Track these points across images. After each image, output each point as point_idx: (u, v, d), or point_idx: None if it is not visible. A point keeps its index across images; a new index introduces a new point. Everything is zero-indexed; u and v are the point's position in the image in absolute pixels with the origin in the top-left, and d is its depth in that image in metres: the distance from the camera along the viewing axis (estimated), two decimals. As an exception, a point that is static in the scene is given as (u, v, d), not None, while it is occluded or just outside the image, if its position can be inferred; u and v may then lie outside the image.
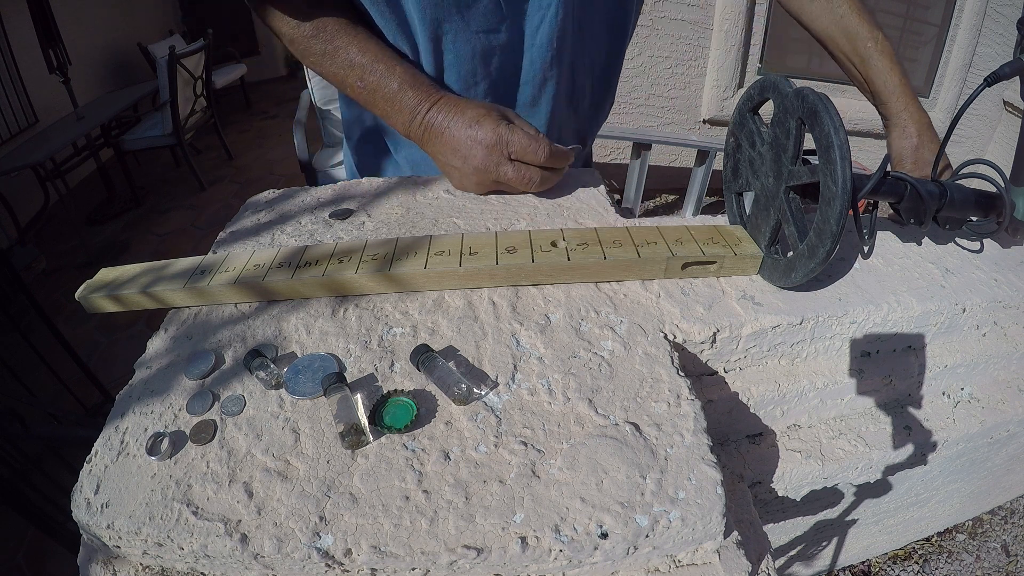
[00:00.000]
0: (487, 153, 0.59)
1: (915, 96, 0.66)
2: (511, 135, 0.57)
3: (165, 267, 0.52)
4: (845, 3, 0.69)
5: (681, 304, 0.49)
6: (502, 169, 0.60)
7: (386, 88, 0.61)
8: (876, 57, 0.67)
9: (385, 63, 0.61)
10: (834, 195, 0.40)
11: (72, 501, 0.36)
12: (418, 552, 0.32)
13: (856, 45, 0.68)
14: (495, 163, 0.59)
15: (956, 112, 0.55)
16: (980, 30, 2.26)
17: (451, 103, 0.61)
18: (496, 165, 0.59)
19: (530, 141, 0.57)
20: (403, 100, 0.61)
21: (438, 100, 0.61)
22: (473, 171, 0.60)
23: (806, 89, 0.43)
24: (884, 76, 0.67)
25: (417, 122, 0.61)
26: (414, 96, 0.61)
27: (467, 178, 0.62)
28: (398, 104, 0.61)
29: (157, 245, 3.05)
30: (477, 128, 0.58)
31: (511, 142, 0.58)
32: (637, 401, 0.40)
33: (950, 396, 0.60)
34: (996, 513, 1.30)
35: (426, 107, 0.61)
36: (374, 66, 0.61)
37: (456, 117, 0.60)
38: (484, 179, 0.61)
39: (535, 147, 0.57)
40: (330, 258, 0.50)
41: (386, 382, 0.42)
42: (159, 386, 0.43)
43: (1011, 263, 0.57)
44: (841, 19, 0.69)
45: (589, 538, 0.33)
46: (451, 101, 0.61)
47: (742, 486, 0.51)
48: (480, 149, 0.59)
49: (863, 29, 0.67)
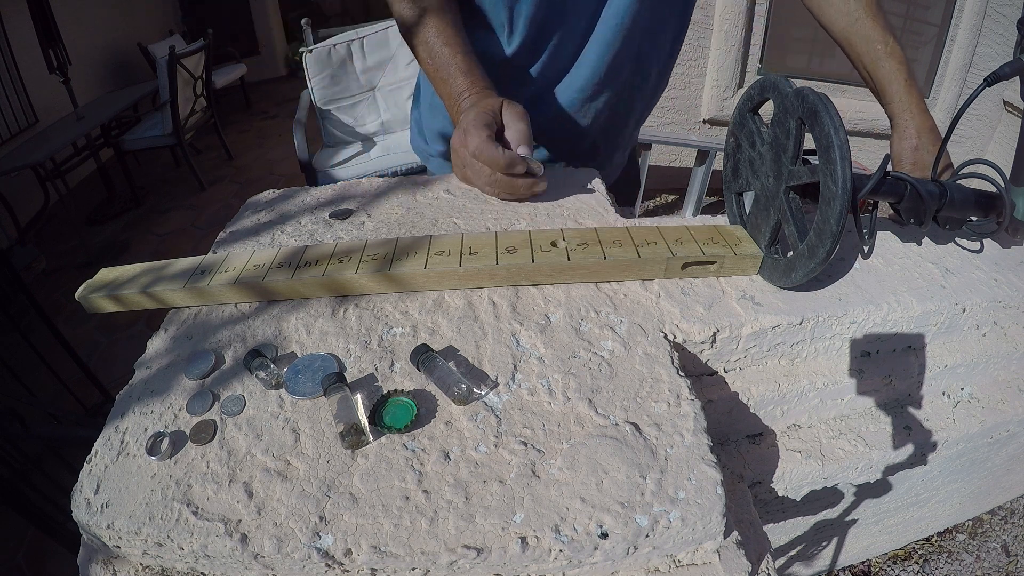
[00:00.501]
0: (454, 148, 0.63)
1: (920, 99, 0.67)
2: (469, 137, 0.60)
3: (165, 267, 0.52)
4: (860, 8, 0.70)
5: (681, 304, 0.49)
6: (465, 169, 0.64)
7: (444, 71, 0.68)
8: (884, 60, 0.68)
9: (451, 48, 0.67)
10: (834, 195, 0.40)
11: (72, 501, 0.36)
12: (418, 552, 0.32)
13: (867, 48, 0.70)
14: (459, 161, 0.63)
15: (956, 112, 0.55)
16: (980, 30, 2.26)
17: (479, 96, 0.64)
18: (460, 163, 0.64)
19: (486, 146, 0.59)
20: (453, 84, 0.67)
21: (476, 91, 0.65)
22: (455, 160, 0.65)
23: (806, 89, 0.43)
24: (890, 78, 0.68)
25: (456, 106, 0.67)
26: (463, 82, 0.66)
27: (457, 170, 0.67)
28: (449, 87, 0.67)
29: (157, 245, 3.05)
30: (463, 123, 0.62)
31: (469, 144, 0.60)
32: (637, 401, 0.40)
33: (950, 396, 0.60)
34: (996, 513, 1.30)
35: (466, 95, 0.66)
36: (441, 49, 0.67)
37: (470, 109, 0.63)
38: (457, 172, 0.67)
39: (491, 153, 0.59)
40: (330, 258, 0.50)
41: (386, 382, 0.42)
42: (159, 386, 0.43)
43: (1011, 263, 0.57)
44: (855, 23, 0.71)
45: (589, 538, 0.33)
46: (481, 94, 0.65)
47: (742, 486, 0.51)
48: (458, 146, 0.63)
49: (875, 33, 0.69)
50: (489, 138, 0.59)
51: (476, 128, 0.59)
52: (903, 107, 0.67)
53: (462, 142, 0.61)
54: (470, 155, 0.60)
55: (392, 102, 2.64)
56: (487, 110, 0.61)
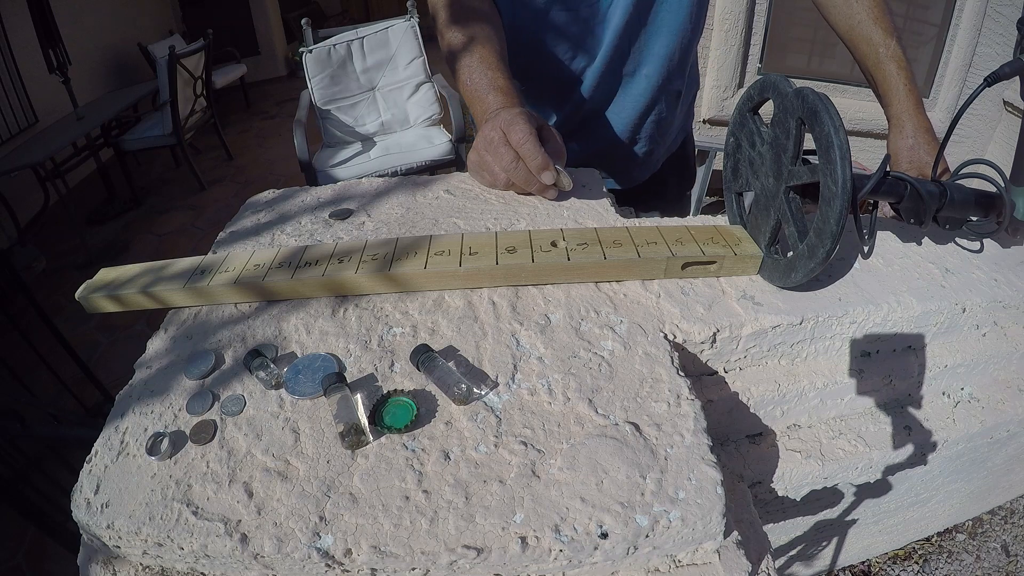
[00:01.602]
0: (486, 134, 0.63)
1: (919, 101, 0.68)
2: (515, 127, 0.59)
3: (165, 267, 0.52)
4: (864, 10, 0.71)
5: (681, 304, 0.49)
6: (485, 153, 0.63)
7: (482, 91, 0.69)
8: (885, 62, 0.69)
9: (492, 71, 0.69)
10: (834, 195, 0.40)
11: (72, 501, 0.36)
12: (418, 552, 0.32)
13: (869, 50, 0.71)
14: (483, 143, 0.63)
15: (956, 112, 0.55)
16: (980, 30, 2.25)
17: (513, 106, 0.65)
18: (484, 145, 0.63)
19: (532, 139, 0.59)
20: (489, 100, 0.68)
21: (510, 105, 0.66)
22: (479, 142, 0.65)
23: (806, 89, 0.43)
24: (889, 80, 0.68)
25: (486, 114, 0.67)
26: (499, 99, 0.67)
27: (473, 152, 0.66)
28: (484, 104, 0.68)
29: (157, 245, 3.05)
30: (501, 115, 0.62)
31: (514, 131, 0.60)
32: (637, 401, 0.40)
33: (950, 396, 0.60)
34: (996, 513, 1.30)
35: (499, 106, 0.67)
36: (484, 72, 0.69)
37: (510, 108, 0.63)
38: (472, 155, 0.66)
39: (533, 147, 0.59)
40: (330, 258, 0.50)
41: (386, 382, 0.42)
42: (159, 386, 0.43)
43: (1011, 263, 0.57)
44: (858, 25, 0.71)
45: (589, 538, 0.33)
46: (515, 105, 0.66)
47: (742, 486, 0.51)
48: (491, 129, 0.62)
49: (876, 35, 0.70)
50: (536, 134, 0.59)
51: (525, 121, 0.59)
52: (901, 108, 0.67)
53: (504, 127, 0.60)
54: (511, 141, 0.59)
55: (392, 102, 2.64)
56: (533, 114, 0.61)
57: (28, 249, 2.79)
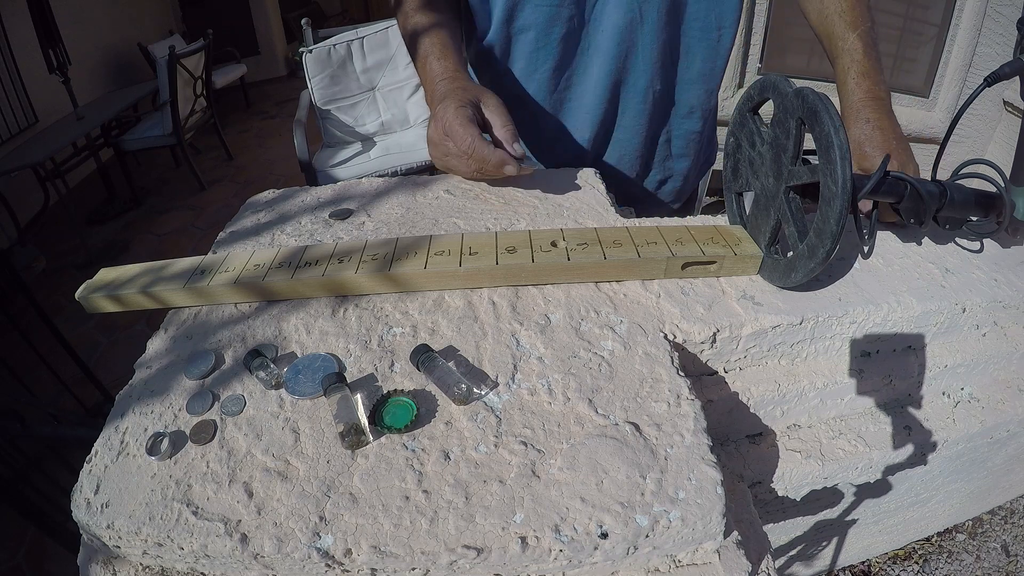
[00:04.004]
0: (435, 140, 0.63)
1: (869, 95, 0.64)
2: (457, 135, 0.59)
3: (165, 267, 0.52)
4: (833, 3, 0.69)
5: (681, 304, 0.49)
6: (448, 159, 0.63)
7: (423, 58, 0.69)
8: (841, 55, 0.67)
9: (432, 38, 0.69)
10: (834, 195, 0.40)
11: (72, 501, 0.36)
12: (418, 552, 0.32)
13: (830, 45, 0.70)
14: (440, 152, 0.63)
15: (956, 112, 0.55)
16: (980, 30, 2.25)
17: (451, 81, 0.65)
18: (442, 154, 0.63)
19: (479, 145, 0.59)
20: (430, 70, 0.67)
21: (448, 76, 0.65)
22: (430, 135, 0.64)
23: (806, 89, 0.43)
24: (839, 74, 0.67)
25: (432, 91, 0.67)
26: (437, 67, 0.67)
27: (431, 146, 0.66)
28: (426, 72, 0.68)
29: (157, 245, 3.05)
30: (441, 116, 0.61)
31: (460, 142, 0.59)
32: (637, 401, 0.40)
33: (950, 396, 0.60)
34: (996, 513, 1.30)
35: (440, 78, 0.66)
36: (425, 38, 0.69)
37: (446, 98, 0.62)
38: (437, 162, 0.66)
39: (483, 153, 0.59)
40: (330, 258, 0.50)
41: (386, 382, 0.42)
42: (159, 386, 0.43)
43: (1011, 263, 0.57)
44: (825, 19, 0.70)
45: (589, 538, 0.33)
46: (454, 79, 0.65)
47: (742, 486, 0.51)
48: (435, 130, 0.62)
49: (839, 28, 0.68)
50: (479, 135, 0.59)
51: (462, 125, 0.58)
52: (846, 103, 0.65)
53: (447, 135, 0.60)
54: (460, 149, 0.59)
55: (392, 102, 2.64)
56: (466, 102, 0.60)
57: (28, 249, 2.79)
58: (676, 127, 0.84)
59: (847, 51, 0.66)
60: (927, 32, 2.39)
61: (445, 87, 0.64)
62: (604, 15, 0.73)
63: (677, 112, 0.83)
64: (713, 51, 0.77)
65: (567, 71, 0.77)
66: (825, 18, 0.70)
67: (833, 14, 0.69)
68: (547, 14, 0.72)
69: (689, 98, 0.81)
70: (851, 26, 0.67)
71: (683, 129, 0.84)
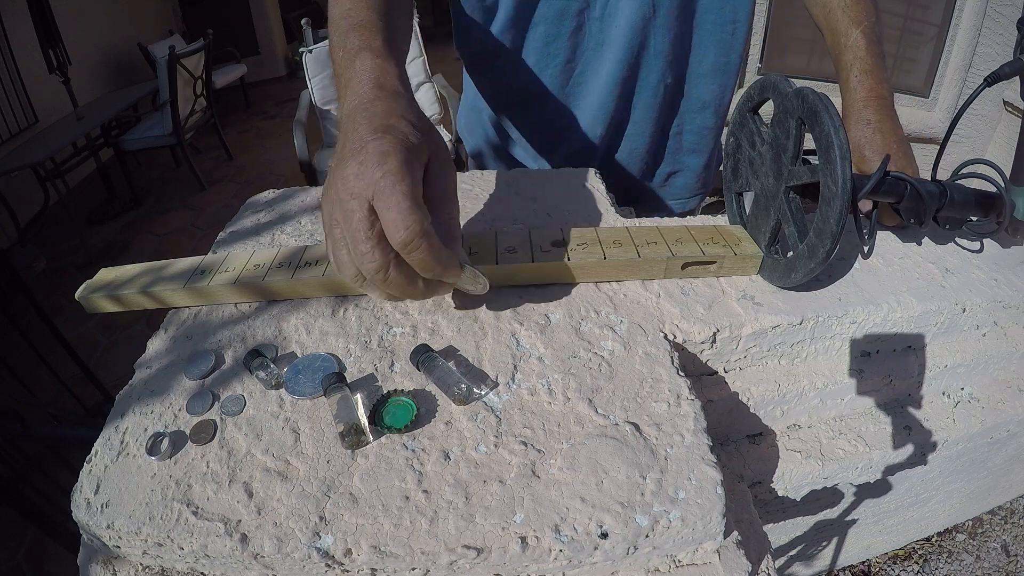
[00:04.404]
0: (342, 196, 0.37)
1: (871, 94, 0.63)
2: (384, 166, 0.35)
3: (165, 267, 0.52)
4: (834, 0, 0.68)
5: (681, 304, 0.49)
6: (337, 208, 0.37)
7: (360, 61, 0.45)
8: (843, 52, 0.66)
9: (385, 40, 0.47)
10: (834, 195, 0.40)
11: (72, 501, 0.36)
12: (418, 552, 0.32)
13: (833, 40, 0.68)
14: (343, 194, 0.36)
15: (956, 112, 0.55)
16: (980, 30, 2.26)
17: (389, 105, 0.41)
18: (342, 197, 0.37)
19: (404, 200, 0.35)
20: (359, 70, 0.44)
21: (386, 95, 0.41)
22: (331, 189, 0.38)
23: (806, 89, 0.43)
24: (841, 72, 0.66)
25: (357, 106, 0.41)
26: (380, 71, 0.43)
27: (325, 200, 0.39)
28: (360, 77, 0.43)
29: (157, 245, 3.05)
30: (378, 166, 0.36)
31: (377, 173, 0.35)
32: (637, 401, 0.40)
33: (950, 396, 0.60)
34: (996, 513, 1.30)
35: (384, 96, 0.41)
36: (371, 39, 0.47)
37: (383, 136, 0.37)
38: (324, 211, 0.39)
39: (403, 215, 0.35)
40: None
41: (386, 382, 0.42)
42: (159, 386, 0.43)
43: (1011, 263, 0.57)
44: (828, 14, 0.69)
45: (589, 538, 0.33)
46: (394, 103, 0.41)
47: (742, 486, 0.51)
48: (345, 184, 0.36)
49: (841, 24, 0.67)
50: (429, 224, 0.36)
51: (410, 198, 0.35)
52: (847, 101, 0.64)
53: (374, 196, 0.35)
54: (398, 241, 0.35)
55: (392, 102, 2.64)
56: (416, 155, 0.38)
57: (28, 249, 2.79)
58: (688, 122, 0.84)
59: (849, 47, 0.65)
60: (927, 32, 2.39)
61: (385, 109, 0.40)
62: (618, 10, 0.72)
63: (690, 106, 0.82)
64: (727, 45, 0.76)
65: (579, 66, 0.77)
66: (828, 12, 0.69)
67: (836, 8, 0.68)
68: (559, 9, 0.71)
69: (702, 93, 0.80)
70: (854, 21, 0.66)
71: (695, 124, 0.84)
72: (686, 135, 0.85)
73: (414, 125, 0.40)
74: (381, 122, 0.39)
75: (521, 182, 0.67)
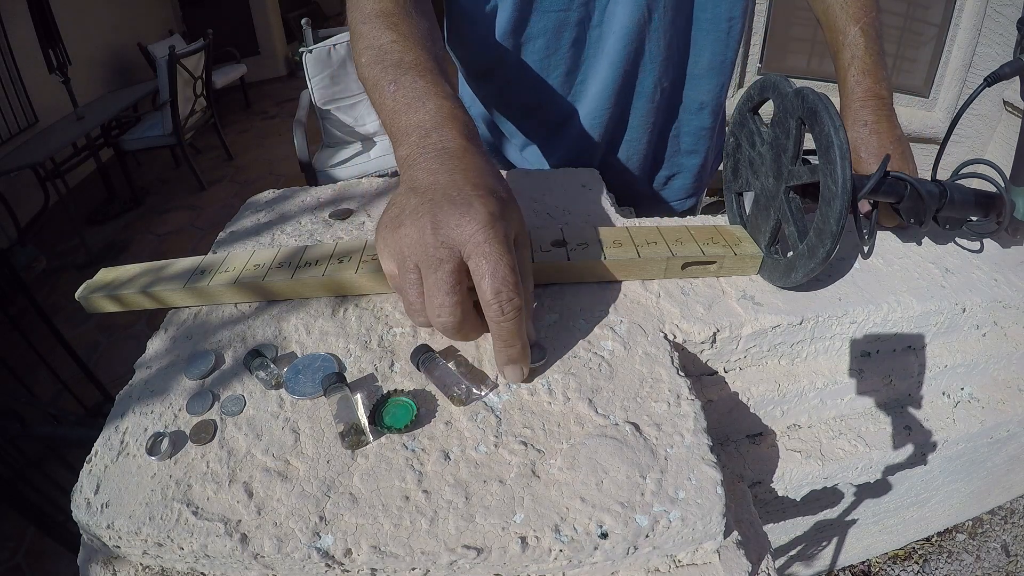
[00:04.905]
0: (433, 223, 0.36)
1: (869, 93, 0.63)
2: (507, 267, 0.35)
3: (165, 267, 0.52)
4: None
5: (681, 304, 0.49)
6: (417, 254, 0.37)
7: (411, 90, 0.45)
8: (841, 50, 0.66)
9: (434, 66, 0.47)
10: (834, 195, 0.40)
11: (72, 501, 0.36)
12: (418, 552, 0.32)
13: (832, 37, 0.68)
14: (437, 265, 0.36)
15: (956, 112, 0.55)
16: (980, 30, 2.26)
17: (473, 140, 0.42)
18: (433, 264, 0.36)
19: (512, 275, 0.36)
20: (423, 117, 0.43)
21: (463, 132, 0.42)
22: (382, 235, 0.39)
23: (806, 89, 0.43)
24: (839, 71, 0.66)
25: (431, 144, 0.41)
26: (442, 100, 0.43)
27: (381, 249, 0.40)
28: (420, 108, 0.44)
29: (157, 245, 3.06)
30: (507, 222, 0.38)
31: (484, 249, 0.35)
32: (637, 401, 0.40)
33: (950, 396, 0.60)
34: (996, 513, 1.30)
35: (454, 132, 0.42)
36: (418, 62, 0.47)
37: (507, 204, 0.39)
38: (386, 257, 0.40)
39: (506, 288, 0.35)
40: (330, 258, 0.50)
41: (386, 382, 0.42)
42: (159, 386, 0.43)
43: (1011, 263, 0.57)
44: (828, 10, 0.68)
45: (589, 538, 0.33)
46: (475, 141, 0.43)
47: (742, 486, 0.51)
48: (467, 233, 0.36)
49: (840, 21, 0.66)
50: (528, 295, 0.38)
51: (513, 270, 0.36)
52: (845, 100, 0.64)
53: (471, 255, 0.36)
54: (494, 309, 0.36)
55: (392, 102, 2.64)
56: (512, 228, 0.38)
57: (28, 249, 2.79)
58: (686, 123, 0.83)
59: (848, 45, 0.64)
60: (927, 32, 2.39)
61: (479, 167, 0.40)
62: (614, 17, 0.71)
63: (687, 108, 0.82)
64: (723, 43, 0.76)
65: (578, 75, 0.76)
66: (827, 8, 0.68)
67: (835, 5, 0.67)
68: (556, 20, 0.70)
69: (699, 93, 0.80)
70: (853, 19, 0.65)
71: (693, 125, 0.84)
72: (683, 137, 0.85)
73: (509, 192, 0.40)
74: (482, 180, 0.39)
75: (521, 182, 0.67)
